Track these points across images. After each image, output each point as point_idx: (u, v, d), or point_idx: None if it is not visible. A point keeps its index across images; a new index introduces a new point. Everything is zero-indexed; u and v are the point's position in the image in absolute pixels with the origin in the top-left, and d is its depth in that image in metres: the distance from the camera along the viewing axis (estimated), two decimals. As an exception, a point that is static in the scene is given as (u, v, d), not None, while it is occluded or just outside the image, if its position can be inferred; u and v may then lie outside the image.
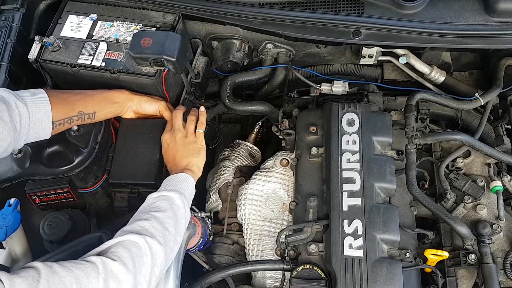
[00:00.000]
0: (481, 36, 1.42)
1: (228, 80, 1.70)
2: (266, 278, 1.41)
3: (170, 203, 1.17)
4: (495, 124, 1.56)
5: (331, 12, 1.47)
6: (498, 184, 1.42)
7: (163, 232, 1.08)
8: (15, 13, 1.60)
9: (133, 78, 1.42)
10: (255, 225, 1.47)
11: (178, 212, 1.17)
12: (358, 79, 1.75)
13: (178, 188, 1.23)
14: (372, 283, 1.20)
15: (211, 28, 1.65)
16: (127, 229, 1.06)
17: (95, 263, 0.91)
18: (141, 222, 1.07)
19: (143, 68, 1.40)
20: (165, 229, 1.09)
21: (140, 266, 0.98)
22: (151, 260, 1.01)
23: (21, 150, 1.32)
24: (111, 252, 0.96)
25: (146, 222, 1.07)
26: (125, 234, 1.02)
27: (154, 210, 1.13)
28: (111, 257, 0.95)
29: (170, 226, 1.11)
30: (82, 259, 0.94)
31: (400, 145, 1.48)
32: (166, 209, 1.15)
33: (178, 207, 1.18)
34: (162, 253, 1.05)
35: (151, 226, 1.07)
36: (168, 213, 1.14)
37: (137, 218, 1.10)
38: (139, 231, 1.04)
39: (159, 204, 1.16)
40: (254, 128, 1.79)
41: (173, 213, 1.16)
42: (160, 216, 1.11)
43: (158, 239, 1.05)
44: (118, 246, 0.98)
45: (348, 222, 1.28)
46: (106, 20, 1.53)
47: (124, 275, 0.93)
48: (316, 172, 1.43)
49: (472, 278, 1.32)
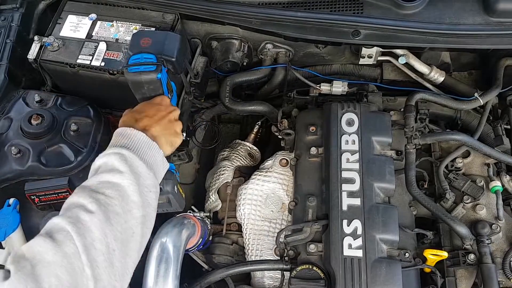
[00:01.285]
0: (481, 36, 1.42)
1: (228, 80, 1.70)
2: (266, 278, 1.42)
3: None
4: (494, 124, 1.56)
5: (330, 12, 1.47)
6: (497, 184, 1.42)
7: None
8: (15, 13, 1.61)
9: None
10: (255, 225, 1.47)
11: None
12: (357, 79, 1.75)
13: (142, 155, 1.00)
14: (371, 283, 1.20)
15: (210, 28, 1.65)
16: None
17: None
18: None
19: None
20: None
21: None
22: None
23: (20, 150, 1.33)
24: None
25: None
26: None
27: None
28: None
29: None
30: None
31: (399, 145, 1.48)
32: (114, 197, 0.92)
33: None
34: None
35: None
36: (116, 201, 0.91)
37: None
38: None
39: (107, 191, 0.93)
40: (254, 128, 1.80)
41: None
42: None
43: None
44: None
45: (347, 222, 1.28)
46: (106, 20, 1.53)
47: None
48: (316, 172, 1.43)
49: (471, 278, 1.32)
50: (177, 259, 1.21)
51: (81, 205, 0.88)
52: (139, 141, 1.02)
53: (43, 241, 0.80)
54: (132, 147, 1.00)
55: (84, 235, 0.83)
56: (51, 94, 1.49)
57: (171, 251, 1.22)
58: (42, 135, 1.35)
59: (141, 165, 0.98)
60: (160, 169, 1.06)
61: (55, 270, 0.77)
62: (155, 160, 1.04)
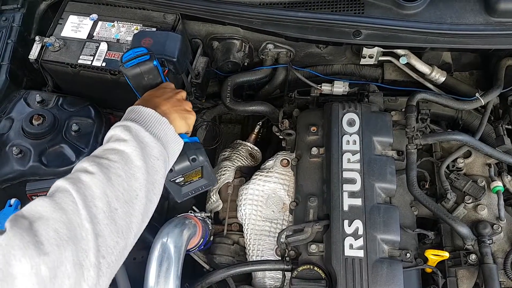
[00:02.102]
0: (482, 36, 1.41)
1: (229, 80, 1.70)
2: (267, 278, 1.42)
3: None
4: (495, 124, 1.56)
5: (331, 12, 1.47)
6: (498, 184, 1.42)
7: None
8: (16, 13, 1.61)
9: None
10: (256, 225, 1.47)
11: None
12: (358, 79, 1.75)
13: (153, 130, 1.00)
14: (372, 284, 1.20)
15: (211, 28, 1.65)
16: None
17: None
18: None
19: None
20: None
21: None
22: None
23: (21, 150, 1.33)
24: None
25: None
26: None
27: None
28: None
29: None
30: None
31: (400, 145, 1.48)
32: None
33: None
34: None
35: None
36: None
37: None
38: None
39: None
40: (255, 128, 1.80)
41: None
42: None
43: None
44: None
45: (348, 222, 1.28)
46: (107, 20, 1.53)
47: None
48: (317, 172, 1.42)
49: (472, 279, 1.32)
50: (178, 259, 1.21)
51: (83, 168, 0.88)
52: (148, 115, 1.02)
53: (42, 200, 0.80)
54: (139, 120, 1.00)
55: (84, 194, 0.82)
56: (52, 94, 1.49)
57: (172, 251, 1.22)
58: (43, 135, 1.35)
59: (147, 135, 0.97)
60: (171, 143, 1.05)
61: (53, 224, 0.76)
62: (165, 134, 1.03)
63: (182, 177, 1.19)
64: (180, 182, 1.21)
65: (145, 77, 1.14)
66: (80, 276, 0.75)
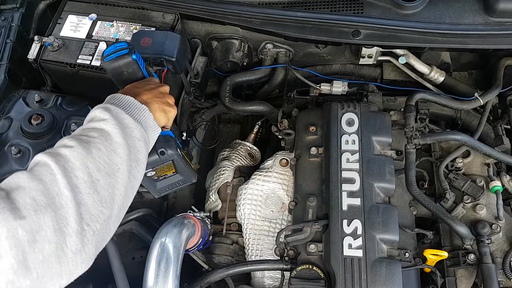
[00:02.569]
0: (481, 36, 1.41)
1: (228, 80, 1.70)
2: (266, 278, 1.42)
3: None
4: (494, 124, 1.56)
5: (330, 12, 1.47)
6: (497, 184, 1.42)
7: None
8: (15, 13, 1.61)
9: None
10: (255, 225, 1.47)
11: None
12: (357, 79, 1.75)
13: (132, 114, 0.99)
14: (371, 283, 1.20)
15: (210, 28, 1.65)
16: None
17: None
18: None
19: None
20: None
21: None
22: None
23: (20, 150, 1.33)
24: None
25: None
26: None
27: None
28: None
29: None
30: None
31: (399, 145, 1.48)
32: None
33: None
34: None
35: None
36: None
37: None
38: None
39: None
40: (254, 128, 1.80)
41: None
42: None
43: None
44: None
45: (347, 222, 1.28)
46: (106, 20, 1.53)
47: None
48: (316, 172, 1.43)
49: (471, 278, 1.32)
50: (177, 259, 1.21)
51: (62, 144, 0.88)
52: (128, 102, 1.01)
53: (20, 173, 0.80)
54: (119, 105, 0.99)
55: (64, 166, 0.82)
56: (51, 94, 1.49)
57: (171, 251, 1.22)
58: (42, 135, 1.35)
59: (127, 117, 0.96)
60: (150, 130, 1.03)
61: (30, 193, 0.75)
62: (145, 120, 1.01)
63: (154, 171, 1.18)
64: (153, 176, 1.19)
65: (124, 71, 1.12)
66: (62, 241, 0.75)
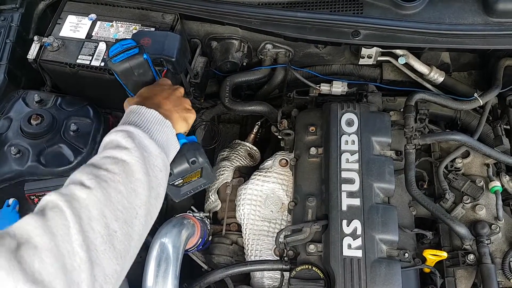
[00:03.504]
0: (480, 36, 1.41)
1: (227, 80, 1.70)
2: (265, 278, 1.42)
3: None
4: (494, 125, 1.56)
5: (330, 13, 1.47)
6: (497, 185, 1.42)
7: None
8: (14, 13, 1.61)
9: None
10: (254, 225, 1.47)
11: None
12: (357, 79, 1.75)
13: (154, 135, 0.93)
14: (370, 283, 1.20)
15: (210, 28, 1.65)
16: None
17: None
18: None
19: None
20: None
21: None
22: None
23: (20, 150, 1.33)
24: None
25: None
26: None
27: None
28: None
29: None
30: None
31: (399, 145, 1.48)
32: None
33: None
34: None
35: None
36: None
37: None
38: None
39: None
40: (253, 128, 1.80)
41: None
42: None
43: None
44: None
45: (347, 222, 1.28)
46: (105, 20, 1.53)
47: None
48: (315, 172, 1.42)
49: (470, 279, 1.32)
50: (177, 259, 1.21)
51: (79, 181, 0.80)
52: (151, 118, 0.95)
53: (32, 219, 0.73)
54: (142, 125, 0.93)
55: (80, 215, 0.74)
56: (51, 94, 1.49)
57: (171, 251, 1.21)
58: (41, 135, 1.35)
59: (151, 144, 0.90)
60: (171, 148, 0.99)
61: (40, 254, 0.68)
62: (167, 139, 0.97)
63: (181, 179, 1.17)
64: (179, 184, 1.19)
65: (135, 72, 1.08)
66: None
